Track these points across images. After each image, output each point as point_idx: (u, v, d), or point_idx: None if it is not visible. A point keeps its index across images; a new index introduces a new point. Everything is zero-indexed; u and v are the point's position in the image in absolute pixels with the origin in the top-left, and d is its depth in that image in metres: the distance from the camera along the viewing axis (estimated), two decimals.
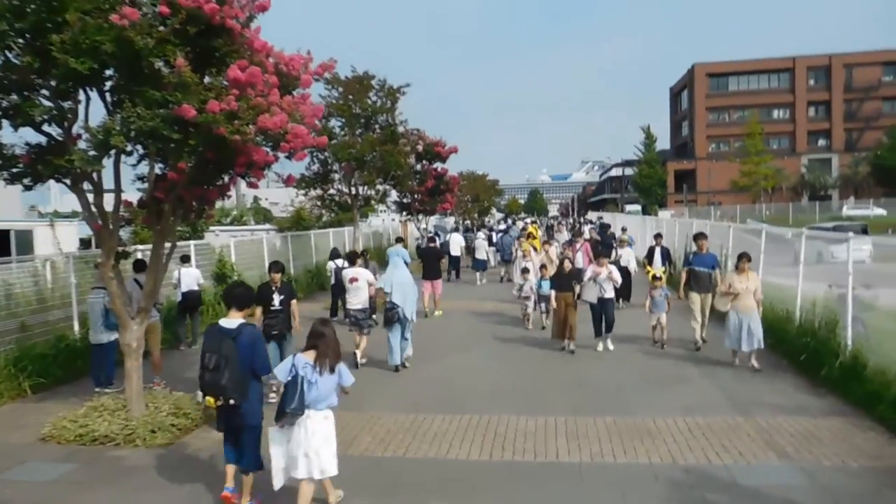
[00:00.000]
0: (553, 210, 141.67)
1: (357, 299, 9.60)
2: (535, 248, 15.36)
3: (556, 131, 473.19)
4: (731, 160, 62.38)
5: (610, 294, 10.15)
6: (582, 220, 49.02)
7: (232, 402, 4.71)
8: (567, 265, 10.51)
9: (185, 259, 11.96)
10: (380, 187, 17.03)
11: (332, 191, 16.66)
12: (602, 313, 10.17)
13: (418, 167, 24.18)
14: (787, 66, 69.85)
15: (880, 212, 52.99)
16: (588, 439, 6.47)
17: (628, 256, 14.69)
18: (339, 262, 13.88)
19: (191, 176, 6.79)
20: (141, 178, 7.43)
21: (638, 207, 63.81)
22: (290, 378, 4.64)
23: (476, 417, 7.24)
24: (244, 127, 5.80)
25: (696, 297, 10.25)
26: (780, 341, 9.50)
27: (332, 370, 4.73)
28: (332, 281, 13.93)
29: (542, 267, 12.36)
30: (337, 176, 16.49)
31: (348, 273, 9.86)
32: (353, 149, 15.17)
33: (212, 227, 27.87)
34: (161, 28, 5.74)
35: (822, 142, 71.03)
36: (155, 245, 7.46)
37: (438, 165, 25.51)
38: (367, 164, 15.62)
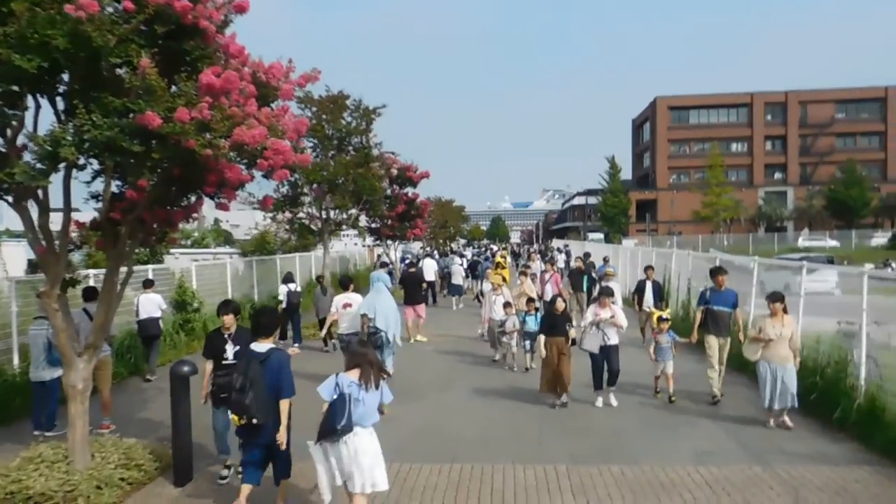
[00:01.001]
0: (515, 237, 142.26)
1: (348, 324, 9.93)
2: (504, 279, 14.44)
3: (518, 160, 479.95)
4: (693, 191, 63.75)
5: (615, 340, 8.70)
6: (553, 247, 48.58)
7: (255, 421, 5.04)
8: (560, 304, 8.78)
9: (148, 284, 11.10)
10: (352, 211, 16.29)
11: (301, 214, 15.83)
12: (605, 364, 8.70)
13: (389, 192, 23.59)
14: (745, 101, 72.24)
15: (833, 243, 54.75)
16: (597, 494, 5.82)
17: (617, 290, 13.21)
18: (292, 286, 14.07)
19: (153, 195, 6.00)
20: (95, 197, 6.58)
21: (600, 235, 64.50)
22: (335, 397, 4.82)
23: (468, 467, 6.52)
24: (217, 140, 5.07)
25: (713, 342, 8.80)
26: (743, 364, 9.20)
27: (376, 387, 4.95)
28: (284, 305, 13.81)
29: (530, 300, 11.27)
30: (307, 199, 15.70)
31: (341, 299, 10.23)
32: (325, 171, 14.46)
33: (171, 250, 26.61)
34: (124, 25, 5.01)
35: (778, 175, 73.34)
36: (108, 272, 6.59)
37: (409, 190, 24.98)
38: (340, 188, 14.90)
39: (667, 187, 72.11)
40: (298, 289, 14.38)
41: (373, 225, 25.86)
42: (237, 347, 6.22)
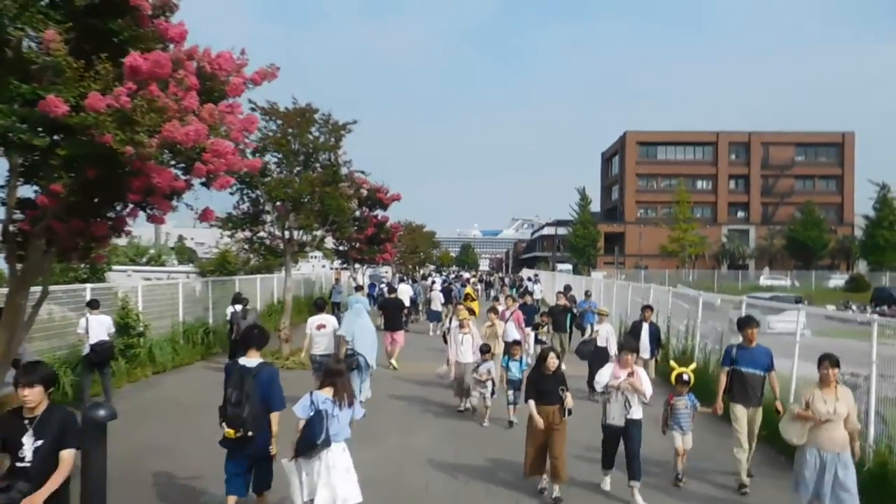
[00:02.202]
0: (484, 265, 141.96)
1: (323, 345, 9.90)
2: (473, 312, 12.29)
3: (488, 188, 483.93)
4: (660, 225, 64.35)
5: (638, 413, 6.52)
6: (524, 276, 47.52)
7: (250, 433, 5.18)
8: (552, 362, 6.52)
9: (94, 304, 10.09)
10: (317, 233, 15.26)
11: (262, 233, 14.73)
12: (626, 443, 6.52)
13: (358, 213, 22.64)
14: (711, 139, 73.70)
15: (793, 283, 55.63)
16: None
17: (607, 334, 11.18)
18: (239, 307, 13.33)
19: (67, 202, 4.99)
20: (4, 203, 5.56)
21: (569, 266, 64.25)
22: (311, 413, 4.99)
23: None
24: (140, 136, 4.13)
25: (741, 413, 6.91)
26: (774, 433, 7.34)
27: (349, 405, 5.19)
28: (229, 327, 13.25)
29: (515, 343, 9.74)
30: (269, 217, 14.63)
31: (315, 320, 10.17)
32: (289, 188, 13.46)
33: (124, 267, 25.09)
34: None
35: (741, 213, 74.70)
36: (11, 293, 5.53)
37: (379, 213, 24.09)
38: (305, 206, 13.90)
39: (634, 221, 72.70)
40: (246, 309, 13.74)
41: (340, 247, 24.83)
42: (39, 442, 3.89)
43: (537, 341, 13.10)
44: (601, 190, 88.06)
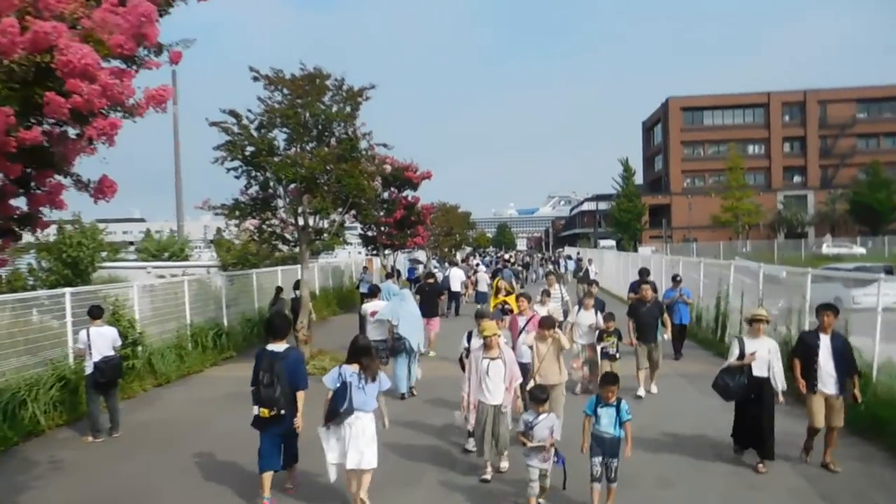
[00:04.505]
0: (521, 244, 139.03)
1: (376, 331, 9.94)
2: (511, 311, 8.74)
3: (522, 165, 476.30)
4: (709, 194, 60.73)
5: None
6: (565, 254, 44.00)
7: (282, 412, 5.64)
8: None
9: (96, 313, 8.34)
10: (336, 217, 13.35)
11: (273, 220, 12.87)
12: None
13: (385, 195, 20.71)
14: (762, 101, 69.27)
15: (860, 250, 51.58)
16: None
17: (769, 356, 6.65)
18: (299, 293, 13.76)
19: None
20: None
21: (612, 243, 61.31)
22: (338, 385, 5.52)
23: None
24: None
25: None
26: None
27: (374, 379, 5.63)
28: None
29: (609, 381, 5.72)
30: (281, 202, 12.77)
31: (369, 307, 10.44)
32: (300, 167, 11.56)
33: (143, 263, 23.92)
34: None
35: (797, 178, 70.33)
36: None
37: (409, 193, 22.15)
38: (319, 188, 11.98)
39: (681, 191, 69.08)
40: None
41: (368, 233, 23.04)
42: None
43: (605, 356, 9.40)
44: (643, 161, 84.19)
